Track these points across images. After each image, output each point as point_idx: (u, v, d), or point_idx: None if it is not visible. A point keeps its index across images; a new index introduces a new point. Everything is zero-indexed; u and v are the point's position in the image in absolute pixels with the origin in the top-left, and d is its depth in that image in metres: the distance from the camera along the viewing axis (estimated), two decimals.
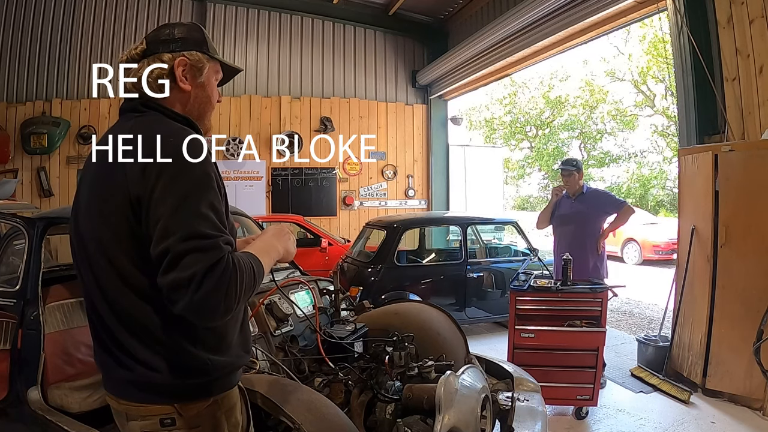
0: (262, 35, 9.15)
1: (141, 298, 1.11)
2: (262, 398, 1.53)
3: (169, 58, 1.23)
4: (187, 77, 1.25)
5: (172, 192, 1.05)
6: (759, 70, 3.79)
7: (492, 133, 24.69)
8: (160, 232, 1.03)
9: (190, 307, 1.01)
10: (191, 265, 1.00)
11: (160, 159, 1.06)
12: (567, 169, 4.32)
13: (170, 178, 1.05)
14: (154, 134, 1.09)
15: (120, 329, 1.13)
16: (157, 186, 1.05)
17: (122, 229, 1.09)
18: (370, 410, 1.97)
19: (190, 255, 1.01)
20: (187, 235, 1.02)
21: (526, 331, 3.36)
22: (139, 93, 1.22)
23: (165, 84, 1.22)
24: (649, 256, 11.42)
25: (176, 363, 1.13)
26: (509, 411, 2.13)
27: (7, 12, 7.79)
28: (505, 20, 6.86)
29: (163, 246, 1.02)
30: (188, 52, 1.25)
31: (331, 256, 6.88)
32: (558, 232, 4.44)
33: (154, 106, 1.22)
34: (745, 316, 3.40)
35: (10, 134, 7.71)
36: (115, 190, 1.09)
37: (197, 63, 1.26)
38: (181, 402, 1.13)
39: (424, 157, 10.17)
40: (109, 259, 1.12)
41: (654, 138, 21.14)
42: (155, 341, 1.12)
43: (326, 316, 2.56)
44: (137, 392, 1.14)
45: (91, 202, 1.16)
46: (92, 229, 1.15)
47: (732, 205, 3.68)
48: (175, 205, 1.04)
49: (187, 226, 1.03)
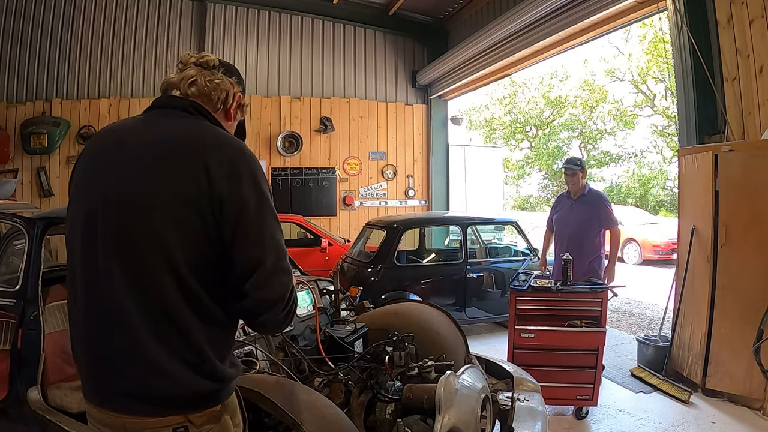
0: (262, 35, 9.15)
1: (190, 303, 1.09)
2: (262, 398, 1.53)
3: (236, 86, 1.32)
4: (237, 112, 1.34)
5: (269, 213, 1.15)
6: (759, 70, 3.79)
7: (492, 133, 24.70)
8: (255, 248, 1.10)
9: (272, 323, 1.16)
10: (283, 285, 1.13)
11: (254, 173, 1.14)
12: (571, 168, 4.30)
13: (264, 197, 1.14)
14: (241, 145, 1.17)
15: (148, 336, 1.07)
16: (251, 200, 1.11)
17: (192, 227, 1.08)
18: (370, 410, 1.97)
19: (282, 276, 1.13)
20: (278, 258, 1.14)
21: (526, 331, 3.36)
22: (198, 94, 1.24)
23: (225, 104, 1.30)
24: (649, 256, 11.43)
25: (199, 373, 1.11)
26: (509, 411, 2.13)
27: (7, 12, 7.78)
28: (505, 20, 6.86)
29: (258, 261, 1.10)
30: (242, 94, 1.35)
31: (331, 256, 6.88)
32: (558, 232, 4.42)
33: (208, 115, 1.24)
34: (745, 316, 3.40)
35: (10, 134, 7.70)
36: (195, 186, 1.07)
37: (244, 107, 1.37)
38: (194, 411, 1.12)
39: (424, 157, 10.17)
40: (167, 257, 1.07)
41: (654, 138, 21.15)
42: (187, 350, 1.09)
43: (326, 316, 2.56)
44: (148, 406, 1.09)
45: (150, 194, 1.09)
46: (148, 222, 1.08)
47: (732, 205, 3.68)
48: (271, 228, 1.14)
49: (280, 250, 1.15)
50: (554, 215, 4.50)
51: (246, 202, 1.10)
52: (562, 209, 4.41)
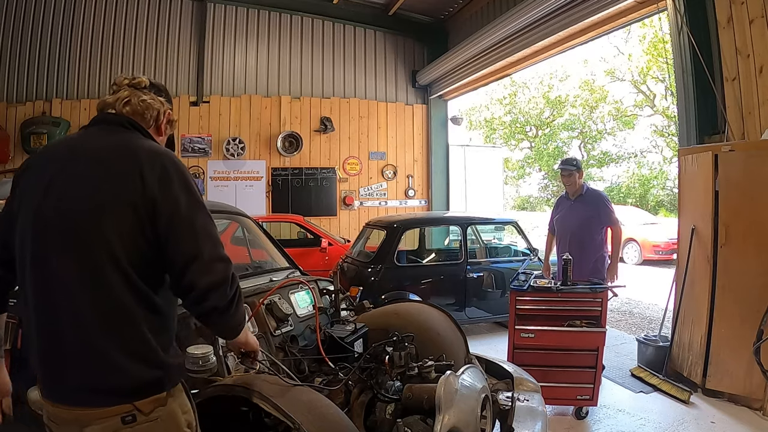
0: (262, 35, 9.15)
1: (134, 298, 1.20)
2: (261, 398, 1.53)
3: (165, 104, 1.46)
4: (167, 127, 1.48)
5: (199, 209, 1.26)
6: (759, 70, 3.79)
7: (492, 133, 24.69)
8: (191, 242, 1.22)
9: (222, 305, 1.24)
10: (223, 270, 1.24)
11: (182, 176, 1.26)
12: (567, 168, 4.29)
13: (194, 196, 1.26)
14: (170, 153, 1.31)
15: (96, 331, 1.17)
16: (182, 198, 1.23)
17: (132, 229, 1.19)
18: (370, 410, 1.97)
19: (221, 263, 1.24)
20: (214, 247, 1.25)
21: (526, 331, 3.36)
22: (132, 113, 1.38)
23: (156, 120, 1.43)
24: (649, 256, 11.43)
25: (145, 362, 1.20)
26: (509, 411, 2.13)
27: (7, 12, 7.79)
28: (505, 20, 6.86)
29: (194, 254, 1.21)
30: (171, 111, 1.49)
31: (331, 256, 6.88)
32: (559, 233, 4.42)
33: (141, 130, 1.37)
34: (745, 316, 3.40)
35: (10, 134, 7.71)
36: (131, 192, 1.19)
37: (174, 123, 1.51)
38: (140, 399, 1.19)
39: (424, 157, 10.17)
40: (112, 255, 1.17)
41: (654, 138, 21.15)
42: (133, 342, 1.19)
43: (326, 316, 2.56)
44: (99, 397, 1.17)
45: (95, 197, 1.20)
46: (95, 223, 1.18)
47: (732, 205, 3.68)
48: (204, 222, 1.25)
49: (216, 242, 1.26)
50: (555, 217, 4.50)
51: (177, 201, 1.22)
52: (563, 211, 4.41)
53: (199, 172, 8.71)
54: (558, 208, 4.52)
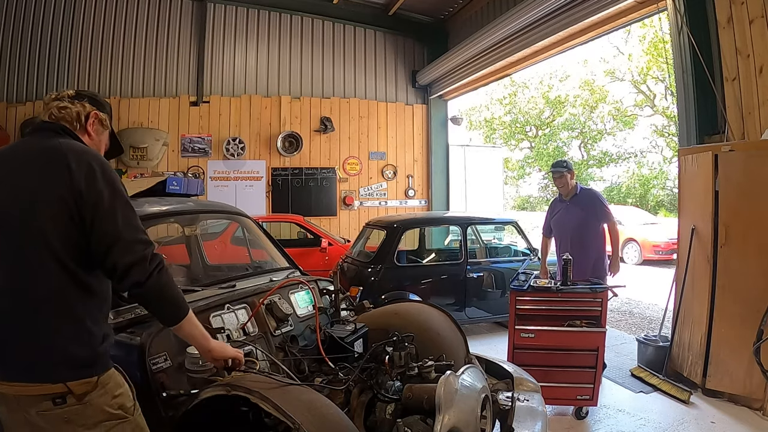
0: (262, 35, 9.15)
1: (70, 283, 1.35)
2: (261, 398, 1.53)
3: (88, 107, 1.59)
4: (95, 126, 1.61)
5: (121, 201, 1.41)
6: (759, 70, 3.79)
7: (492, 133, 24.70)
8: (112, 228, 1.36)
9: (141, 279, 1.36)
10: (142, 250, 1.38)
11: (105, 171, 1.41)
12: (557, 170, 4.31)
13: (116, 189, 1.41)
14: (94, 151, 1.48)
15: (35, 315, 1.32)
16: (105, 191, 1.37)
17: (63, 220, 1.34)
18: (370, 410, 1.97)
19: (139, 244, 1.39)
20: (134, 232, 1.40)
21: (526, 331, 3.36)
22: (57, 119, 1.54)
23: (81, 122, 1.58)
24: (649, 256, 11.42)
25: (78, 344, 1.35)
26: (509, 411, 2.13)
27: (7, 12, 7.79)
28: (505, 20, 6.86)
29: (115, 237, 1.36)
30: (99, 111, 1.62)
31: (331, 256, 6.88)
32: (558, 235, 4.42)
33: (71, 134, 1.54)
34: (745, 316, 3.40)
35: (10, 134, 7.70)
36: (60, 187, 1.35)
37: (104, 121, 1.64)
38: (72, 379, 1.32)
39: (424, 157, 10.17)
40: (47, 245, 1.33)
41: (654, 138, 21.15)
42: (67, 325, 1.34)
43: (326, 316, 2.56)
44: (32, 373, 1.31)
45: (29, 194, 1.36)
46: (32, 215, 1.34)
47: (732, 205, 3.68)
48: (125, 212, 1.40)
49: (136, 228, 1.42)
50: (551, 220, 4.48)
51: (100, 193, 1.37)
52: (559, 213, 4.40)
53: (199, 172, 8.72)
54: (553, 210, 4.50)
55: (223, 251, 5.39)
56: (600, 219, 4.21)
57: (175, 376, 1.75)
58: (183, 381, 1.75)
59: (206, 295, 2.24)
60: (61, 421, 1.32)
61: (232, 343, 1.99)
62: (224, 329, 1.99)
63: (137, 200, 2.56)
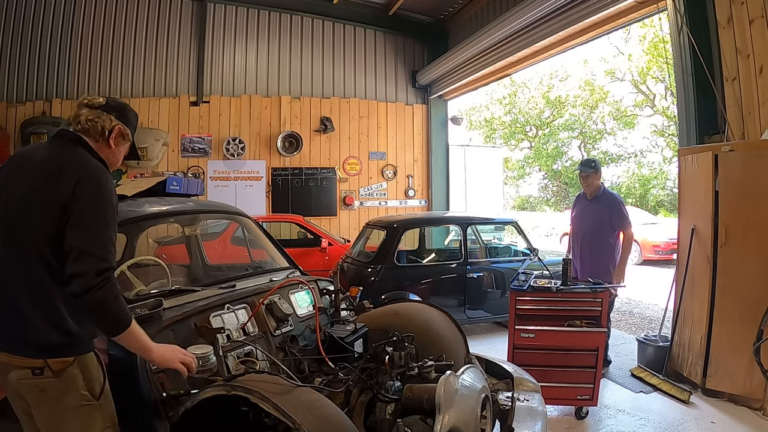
0: (262, 35, 9.15)
1: (51, 275, 1.52)
2: (261, 398, 1.53)
3: (114, 120, 1.73)
4: (117, 140, 1.75)
5: (98, 218, 1.52)
6: (759, 70, 3.79)
7: (492, 133, 24.69)
8: (77, 237, 1.49)
9: (76, 291, 1.45)
10: (91, 264, 1.47)
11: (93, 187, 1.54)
12: (584, 170, 4.37)
13: (97, 205, 1.53)
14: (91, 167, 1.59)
15: (24, 299, 1.52)
16: (87, 206, 1.51)
17: (50, 223, 1.51)
18: (370, 410, 1.97)
19: (91, 258, 1.47)
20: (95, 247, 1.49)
21: (526, 331, 3.36)
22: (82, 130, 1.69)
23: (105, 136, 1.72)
24: (649, 256, 11.42)
25: (56, 327, 1.53)
26: (509, 411, 2.13)
27: (7, 12, 7.78)
28: (505, 20, 6.85)
29: (73, 245, 1.48)
30: (124, 126, 1.76)
31: (331, 256, 6.87)
32: (573, 232, 4.49)
33: (86, 145, 1.67)
34: (745, 316, 3.40)
35: (10, 134, 7.70)
36: (54, 194, 1.52)
37: (126, 135, 1.77)
38: (51, 357, 1.52)
39: (424, 157, 10.17)
40: (35, 242, 1.51)
41: (654, 138, 21.15)
42: (48, 310, 1.53)
43: (326, 316, 2.56)
44: (19, 347, 1.53)
45: (30, 195, 1.55)
46: (26, 216, 1.53)
47: (732, 205, 3.68)
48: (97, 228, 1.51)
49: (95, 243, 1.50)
50: (572, 215, 4.57)
51: (81, 206, 1.51)
52: (578, 210, 4.47)
53: (199, 172, 8.72)
54: (575, 206, 4.58)
55: (223, 251, 5.40)
56: (615, 223, 4.21)
57: (175, 376, 1.75)
58: (183, 381, 1.75)
59: (206, 295, 2.24)
60: (36, 390, 1.53)
61: (232, 343, 2.00)
62: (224, 329, 1.99)
63: (137, 200, 2.56)
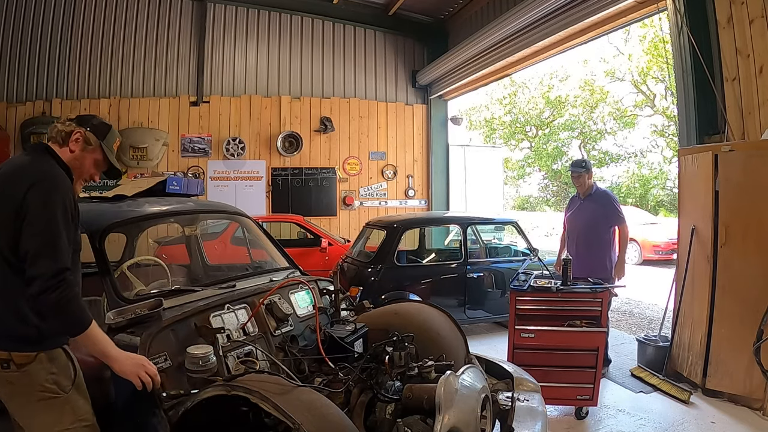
0: (262, 35, 9.15)
1: (14, 274, 1.61)
2: (261, 398, 1.53)
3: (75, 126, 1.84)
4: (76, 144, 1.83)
5: (48, 221, 1.60)
6: (759, 70, 3.79)
7: (492, 133, 24.68)
8: (30, 241, 1.58)
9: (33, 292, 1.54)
10: (46, 267, 1.55)
11: (45, 193, 1.62)
12: (576, 170, 4.44)
13: (48, 209, 1.61)
14: (45, 174, 1.68)
15: None
16: (37, 209, 1.60)
17: (9, 225, 1.60)
18: (370, 410, 1.97)
19: (46, 260, 1.56)
20: (49, 250, 1.58)
21: (526, 331, 3.36)
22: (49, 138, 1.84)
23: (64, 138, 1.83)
24: (649, 256, 11.42)
25: (22, 322, 1.61)
26: (509, 411, 2.13)
27: (7, 12, 7.79)
28: (505, 20, 6.86)
29: (27, 249, 1.57)
30: (88, 131, 1.85)
31: (331, 256, 6.87)
32: (569, 231, 4.54)
33: (52, 153, 1.80)
34: (745, 316, 3.40)
35: (10, 134, 7.71)
36: (10, 198, 1.61)
37: (89, 139, 1.85)
38: (16, 350, 1.61)
39: (424, 157, 10.17)
40: None
41: (654, 138, 21.14)
42: (14, 306, 1.61)
43: (326, 316, 2.56)
44: None
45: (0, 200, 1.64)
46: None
47: (732, 205, 3.68)
48: (49, 231, 1.59)
49: (47, 246, 1.58)
50: (567, 215, 4.62)
51: (33, 210, 1.60)
52: (573, 209, 4.54)
53: (199, 172, 8.72)
54: (570, 206, 4.65)
55: (223, 251, 5.40)
56: (610, 220, 4.27)
57: (175, 376, 1.75)
58: (183, 381, 1.75)
59: (206, 295, 2.24)
60: (5, 382, 1.63)
61: (232, 343, 2.00)
62: (224, 329, 1.99)
63: (137, 200, 2.56)
